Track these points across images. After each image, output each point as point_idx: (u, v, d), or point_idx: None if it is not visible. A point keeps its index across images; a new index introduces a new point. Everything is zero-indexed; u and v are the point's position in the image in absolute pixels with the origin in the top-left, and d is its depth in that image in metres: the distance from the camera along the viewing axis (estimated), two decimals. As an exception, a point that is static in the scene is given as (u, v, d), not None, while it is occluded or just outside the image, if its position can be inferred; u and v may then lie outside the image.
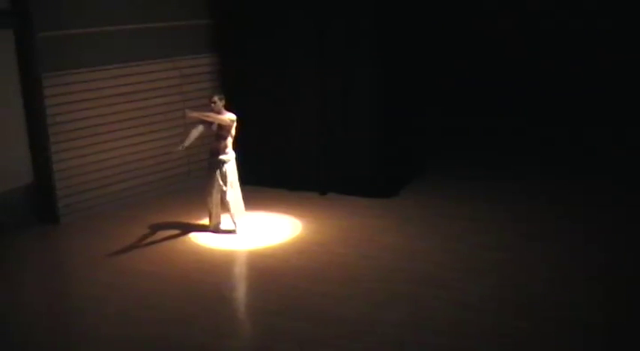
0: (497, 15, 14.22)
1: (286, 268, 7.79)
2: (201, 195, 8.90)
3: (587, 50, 13.66)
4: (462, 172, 11.29)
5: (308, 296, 7.05)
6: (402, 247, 8.26)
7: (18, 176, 9.14)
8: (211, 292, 7.26)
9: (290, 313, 6.69)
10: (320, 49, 9.95)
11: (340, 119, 10.05)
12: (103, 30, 9.39)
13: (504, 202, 9.73)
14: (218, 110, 8.45)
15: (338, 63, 9.90)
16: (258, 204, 9.59)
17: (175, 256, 8.20)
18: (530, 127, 13.42)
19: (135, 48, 9.80)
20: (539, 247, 8.15)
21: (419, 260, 7.84)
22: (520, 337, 6.17)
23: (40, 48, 8.79)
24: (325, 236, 8.68)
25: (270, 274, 7.68)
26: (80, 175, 9.38)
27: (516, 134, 13.18)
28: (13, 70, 8.98)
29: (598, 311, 6.60)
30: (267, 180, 10.51)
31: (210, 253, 8.29)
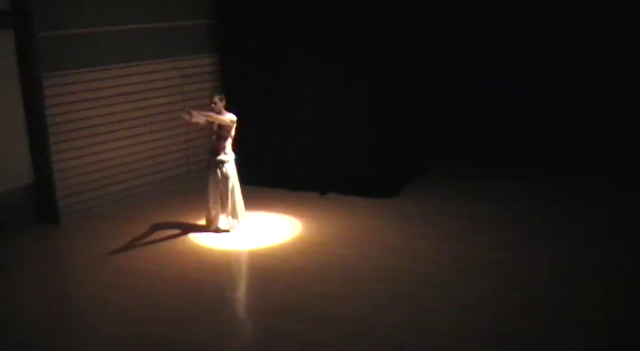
0: (500, 15, 14.23)
1: (286, 268, 7.79)
2: (201, 195, 8.90)
3: (587, 50, 13.67)
4: (462, 172, 11.30)
5: (308, 296, 7.05)
6: (403, 248, 8.26)
7: (18, 176, 9.14)
8: (211, 292, 7.27)
9: (290, 314, 6.69)
10: (321, 49, 9.94)
11: (340, 119, 10.05)
12: (103, 30, 9.39)
13: (504, 202, 9.73)
14: (219, 111, 8.46)
15: (339, 63, 9.90)
16: (258, 204, 9.59)
17: (175, 256, 8.20)
18: (530, 127, 13.42)
19: (135, 48, 9.80)
20: (539, 247, 8.16)
21: (419, 260, 7.85)
22: (520, 337, 6.17)
23: (40, 48, 8.79)
24: (325, 236, 8.69)
25: (271, 274, 7.68)
26: (80, 175, 9.39)
27: (516, 134, 13.19)
28: (13, 70, 8.98)
29: (598, 311, 6.61)
30: (267, 180, 10.51)
31: (211, 253, 8.29)
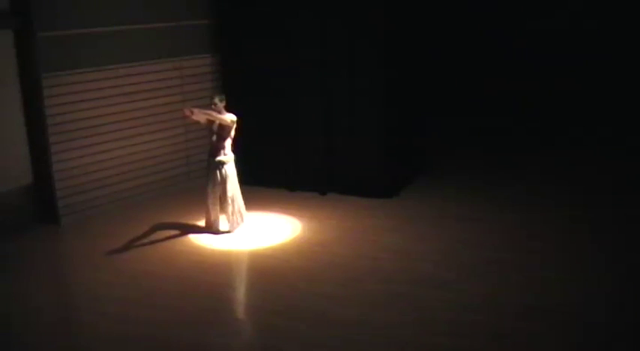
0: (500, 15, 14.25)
1: (286, 268, 7.79)
2: (201, 195, 8.90)
3: (587, 50, 13.68)
4: (463, 172, 11.29)
5: (308, 296, 7.05)
6: (403, 248, 8.25)
7: (18, 176, 9.14)
8: (211, 292, 7.26)
9: (290, 314, 6.69)
10: (322, 49, 9.94)
11: (341, 119, 10.04)
12: (103, 30, 9.38)
13: (505, 202, 9.73)
14: (219, 111, 8.46)
15: (340, 63, 9.89)
16: (258, 204, 9.59)
17: (175, 256, 8.20)
18: (531, 127, 13.42)
19: (135, 48, 9.79)
20: (539, 247, 8.15)
21: (419, 260, 7.84)
22: (520, 337, 6.17)
23: (40, 48, 8.79)
24: (325, 236, 8.68)
25: (271, 274, 7.68)
26: (80, 175, 9.38)
27: (516, 134, 13.19)
28: (13, 70, 8.97)
29: (598, 311, 6.61)
30: (267, 180, 10.51)
31: (211, 253, 8.29)
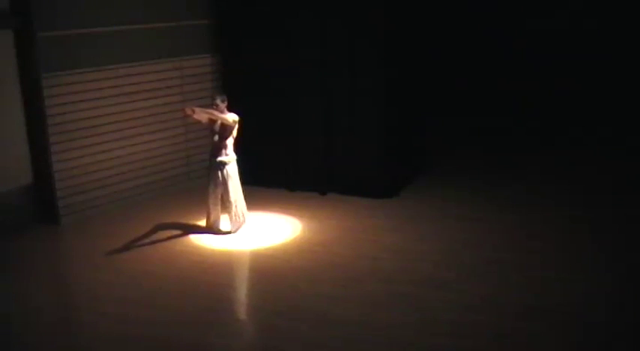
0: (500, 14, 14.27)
1: (287, 268, 7.79)
2: (202, 195, 8.90)
3: (587, 50, 13.69)
4: (463, 172, 11.29)
5: (309, 297, 7.05)
6: (403, 248, 8.25)
7: (18, 176, 9.14)
8: (212, 293, 7.26)
9: (291, 314, 6.69)
10: (322, 48, 9.93)
11: (341, 119, 10.04)
12: (103, 30, 9.38)
13: (505, 202, 9.72)
14: (221, 111, 8.45)
15: (340, 63, 9.88)
16: (258, 204, 9.58)
17: (176, 256, 8.19)
18: (531, 127, 13.43)
19: (135, 48, 9.79)
20: (539, 247, 8.15)
21: (419, 261, 7.84)
22: (520, 337, 6.18)
23: (40, 48, 8.79)
24: (326, 236, 8.68)
25: (271, 274, 7.68)
26: (80, 175, 9.38)
27: (516, 134, 13.19)
28: (13, 70, 8.97)
29: (598, 311, 6.61)
30: (267, 180, 10.50)
31: (211, 254, 8.29)
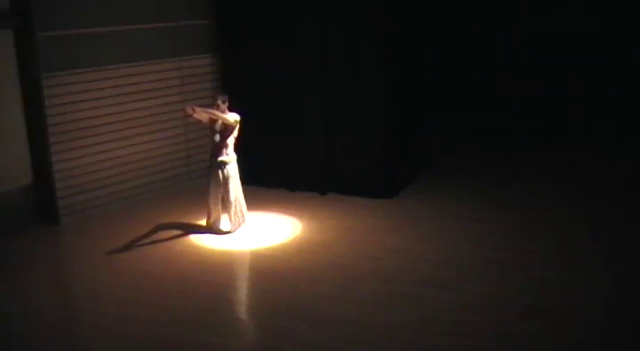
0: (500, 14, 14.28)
1: (287, 268, 7.79)
2: (202, 195, 8.90)
3: (587, 50, 13.69)
4: (462, 172, 11.29)
5: (309, 297, 7.05)
6: (403, 248, 8.25)
7: (18, 176, 9.14)
8: (212, 293, 7.26)
9: (291, 314, 6.69)
10: (322, 48, 9.93)
11: (341, 119, 10.03)
12: (103, 30, 9.38)
13: (505, 202, 9.73)
14: (222, 112, 8.45)
15: (340, 63, 9.88)
16: (258, 204, 9.58)
17: (175, 257, 8.19)
18: (531, 127, 13.43)
19: (135, 48, 9.79)
20: (539, 247, 8.15)
21: (419, 261, 7.84)
22: (520, 337, 6.18)
23: (40, 48, 8.79)
24: (326, 236, 8.68)
25: (271, 274, 7.68)
26: (80, 175, 9.38)
27: (516, 134, 13.19)
28: (13, 70, 8.98)
29: (598, 311, 6.61)
30: (267, 180, 10.50)
31: (211, 254, 8.29)
